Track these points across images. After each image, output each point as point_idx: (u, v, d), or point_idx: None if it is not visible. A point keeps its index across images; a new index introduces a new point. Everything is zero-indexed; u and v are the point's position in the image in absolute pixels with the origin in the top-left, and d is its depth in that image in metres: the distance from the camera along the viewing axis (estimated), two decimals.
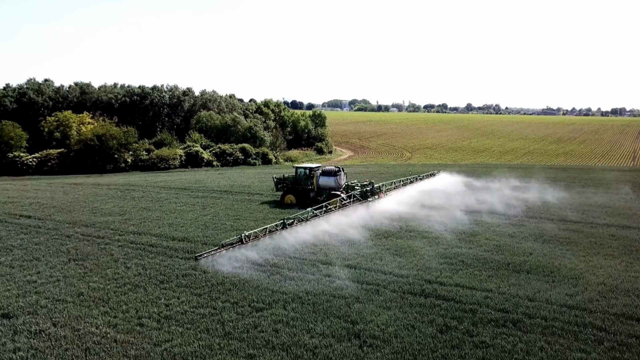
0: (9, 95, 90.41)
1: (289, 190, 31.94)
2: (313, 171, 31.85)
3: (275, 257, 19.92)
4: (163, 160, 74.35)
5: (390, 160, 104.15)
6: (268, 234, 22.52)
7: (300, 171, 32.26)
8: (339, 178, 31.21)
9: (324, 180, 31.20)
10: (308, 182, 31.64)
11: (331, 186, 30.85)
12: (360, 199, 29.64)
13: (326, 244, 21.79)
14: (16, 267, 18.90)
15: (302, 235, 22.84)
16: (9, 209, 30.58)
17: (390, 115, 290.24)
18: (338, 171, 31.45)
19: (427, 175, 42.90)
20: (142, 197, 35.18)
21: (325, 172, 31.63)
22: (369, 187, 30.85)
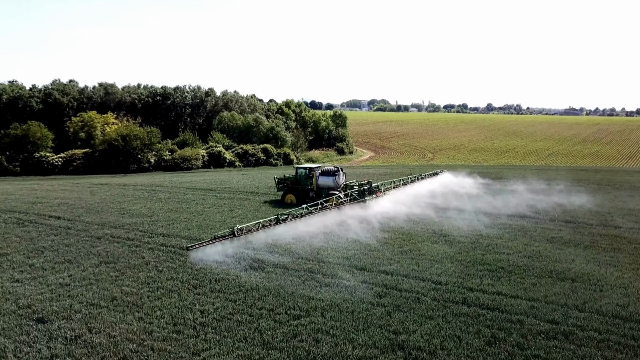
0: (35, 95, 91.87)
1: (290, 189, 32.68)
2: (312, 171, 32.52)
3: (308, 261, 19.44)
4: (186, 161, 74.60)
5: (412, 161, 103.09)
6: (261, 228, 22.64)
7: (301, 171, 33.07)
8: (338, 178, 31.77)
9: (323, 180, 31.80)
10: (308, 182, 32.29)
11: (330, 186, 31.38)
12: (358, 198, 30.05)
13: (357, 247, 21.24)
14: (48, 269, 18.76)
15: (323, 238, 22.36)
16: (38, 209, 30.70)
17: (410, 115, 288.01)
18: (337, 171, 32.07)
19: (429, 175, 42.36)
20: (169, 198, 35.06)
21: (325, 172, 32.28)
22: (366, 187, 31.15)
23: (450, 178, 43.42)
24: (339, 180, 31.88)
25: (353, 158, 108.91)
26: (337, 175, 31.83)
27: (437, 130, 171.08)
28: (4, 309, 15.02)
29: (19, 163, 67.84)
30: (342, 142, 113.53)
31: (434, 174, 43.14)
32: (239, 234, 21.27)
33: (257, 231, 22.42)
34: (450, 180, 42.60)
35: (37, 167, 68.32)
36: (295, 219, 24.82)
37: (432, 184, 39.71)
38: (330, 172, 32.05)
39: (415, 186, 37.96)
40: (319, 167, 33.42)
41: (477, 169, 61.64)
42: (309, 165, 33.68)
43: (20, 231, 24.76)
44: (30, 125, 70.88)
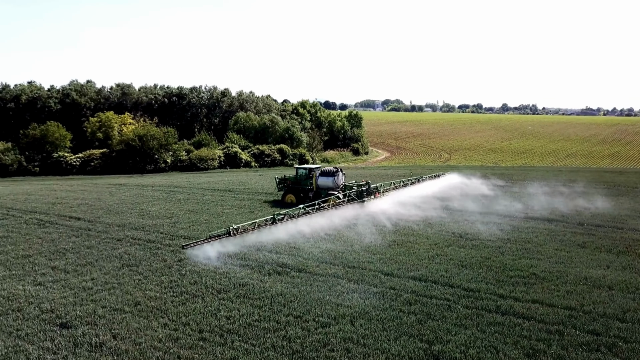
0: (53, 96, 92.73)
1: (290, 189, 32.92)
2: (312, 171, 32.80)
3: (333, 265, 18.98)
4: (202, 161, 74.62)
5: (428, 161, 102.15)
6: (257, 228, 22.73)
7: (301, 172, 33.40)
8: (337, 178, 32.01)
9: (322, 180, 32.02)
10: (308, 182, 32.54)
11: (329, 186, 31.59)
12: (356, 198, 30.28)
13: (382, 251, 20.73)
14: (70, 272, 18.55)
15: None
16: (58, 210, 30.67)
17: (425, 115, 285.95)
18: (336, 171, 32.30)
19: (431, 177, 42.11)
20: (188, 199, 34.85)
21: (324, 172, 32.58)
22: (364, 187, 31.32)
23: (463, 180, 42.79)
24: (338, 181, 32.11)
25: (368, 158, 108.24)
26: (337, 175, 32.05)
27: (453, 130, 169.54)
28: (27, 313, 14.79)
29: (38, 163, 68.41)
30: (357, 142, 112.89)
31: (435, 175, 42.85)
32: (234, 233, 21.42)
33: (253, 231, 22.50)
34: (462, 181, 42.04)
35: (56, 167, 68.84)
36: (292, 219, 24.82)
37: (439, 185, 39.42)
38: (329, 173, 32.28)
39: (417, 187, 37.63)
40: (318, 168, 33.80)
41: (495, 171, 60.71)
42: (309, 166, 34.35)
43: (41, 232, 24.67)
44: (49, 125, 71.49)
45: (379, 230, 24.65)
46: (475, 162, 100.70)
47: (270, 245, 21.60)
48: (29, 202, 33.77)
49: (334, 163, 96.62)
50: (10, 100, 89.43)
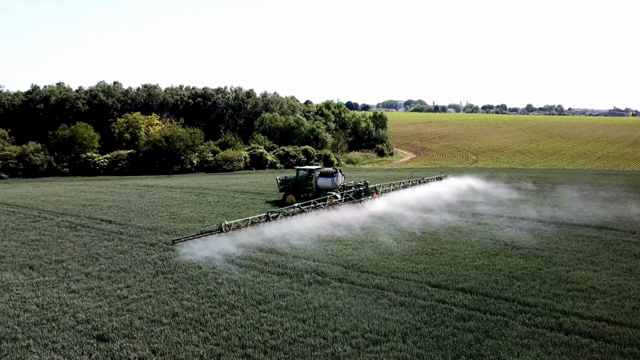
0: (81, 97, 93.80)
1: (290, 190, 33.45)
2: (312, 172, 33.31)
3: (376, 275, 18.03)
4: (228, 162, 74.31)
5: (454, 163, 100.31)
6: (250, 225, 23.53)
7: (301, 173, 33.95)
8: (336, 179, 32.48)
9: (321, 181, 32.50)
10: (308, 183, 33.08)
11: (328, 186, 32.04)
12: (353, 198, 30.62)
13: (425, 260, 19.69)
14: (104, 278, 18.00)
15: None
16: (89, 212, 30.39)
17: (449, 115, 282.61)
18: (335, 172, 32.89)
19: (433, 179, 41.62)
20: (218, 202, 34.27)
21: (323, 173, 33.13)
22: (362, 188, 31.61)
23: (480, 183, 42.06)
24: (337, 182, 32.52)
25: (394, 160, 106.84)
26: (336, 176, 32.52)
27: (478, 131, 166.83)
28: (62, 324, 14.21)
29: (66, 163, 68.95)
30: (382, 143, 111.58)
31: (437, 178, 42.55)
32: (226, 229, 22.17)
33: (246, 227, 23.24)
34: (475, 184, 41.36)
35: (84, 168, 69.29)
36: (286, 217, 25.49)
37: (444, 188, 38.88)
38: (328, 174, 32.79)
39: (419, 189, 37.31)
40: (318, 169, 34.40)
41: (527, 173, 58.90)
42: (309, 167, 34.95)
43: (73, 236, 24.30)
44: (78, 126, 72.07)
45: (410, 236, 23.58)
46: (503, 163, 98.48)
47: (299, 249, 20.76)
48: (60, 204, 33.64)
49: (359, 164, 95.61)
50: (40, 101, 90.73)
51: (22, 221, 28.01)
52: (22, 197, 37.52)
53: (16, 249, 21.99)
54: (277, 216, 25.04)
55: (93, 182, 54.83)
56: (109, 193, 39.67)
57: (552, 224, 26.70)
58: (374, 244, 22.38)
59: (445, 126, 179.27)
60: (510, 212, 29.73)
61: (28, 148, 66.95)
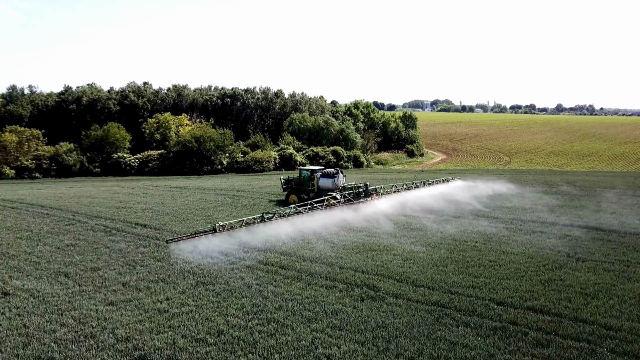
0: (112, 97, 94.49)
1: (293, 190, 33.86)
2: (314, 173, 33.53)
3: (434, 291, 16.56)
4: (257, 163, 73.55)
5: (487, 164, 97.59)
6: (245, 225, 23.55)
7: (304, 173, 34.20)
8: (337, 180, 32.67)
9: (323, 181, 32.70)
10: (309, 184, 33.36)
11: (329, 187, 32.24)
12: (352, 199, 30.75)
13: (485, 273, 18.11)
14: (143, 289, 16.98)
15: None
16: (123, 215, 29.67)
17: (478, 116, 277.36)
18: (336, 173, 33.05)
19: (439, 181, 41.06)
20: (254, 205, 33.19)
21: (325, 174, 33.27)
22: (362, 189, 31.80)
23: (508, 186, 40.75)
24: (338, 182, 32.75)
25: (424, 161, 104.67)
26: (337, 177, 32.75)
27: (510, 132, 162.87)
28: (101, 342, 13.18)
29: (98, 164, 69.20)
30: (412, 144, 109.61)
31: (444, 180, 41.97)
32: (220, 229, 22.26)
33: (240, 228, 23.24)
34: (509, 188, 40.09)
35: (115, 168, 69.46)
36: (281, 217, 25.47)
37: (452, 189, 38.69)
38: (330, 174, 32.98)
39: (422, 191, 37.02)
40: (321, 169, 34.66)
41: (566, 176, 56.31)
42: (312, 167, 35.29)
43: (108, 241, 23.49)
44: (109, 126, 72.31)
45: (439, 243, 22.01)
46: (537, 165, 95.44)
47: (342, 258, 19.44)
48: (94, 206, 33.09)
49: (388, 165, 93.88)
50: (72, 102, 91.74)
51: (56, 224, 27.42)
52: (56, 199, 37.21)
53: (51, 255, 21.25)
54: (272, 217, 24.99)
55: (125, 182, 54.60)
56: (141, 195, 39.07)
57: (613, 233, 24.73)
58: (402, 252, 20.88)
59: (475, 126, 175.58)
60: (556, 219, 27.84)
61: (61, 148, 67.44)
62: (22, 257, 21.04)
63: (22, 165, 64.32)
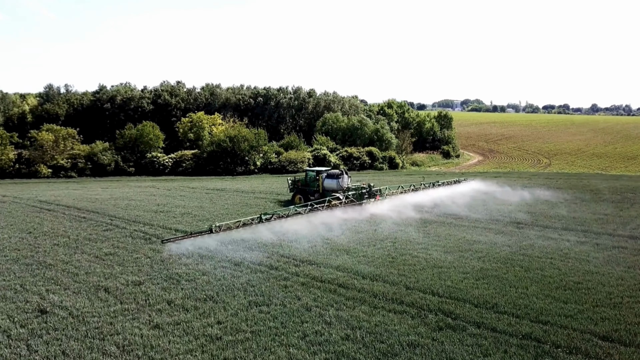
0: (146, 96, 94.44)
1: (299, 191, 34.30)
2: (320, 174, 33.85)
3: (519, 319, 14.36)
4: (292, 163, 71.98)
5: (526, 166, 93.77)
6: (242, 226, 23.92)
7: (310, 174, 34.73)
8: (342, 181, 32.92)
9: (327, 182, 33.09)
10: (315, 184, 33.73)
11: (333, 188, 32.67)
12: (355, 200, 31.04)
13: (569, 299, 15.81)
14: (190, 309, 15.32)
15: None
16: (162, 220, 28.28)
17: (513, 116, 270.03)
18: (340, 174, 33.37)
19: (451, 182, 40.64)
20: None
21: (330, 175, 33.71)
22: (365, 190, 31.96)
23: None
24: (343, 183, 32.91)
25: (460, 162, 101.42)
26: (341, 178, 32.99)
27: (547, 132, 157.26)
28: None
29: (132, 163, 68.68)
30: (447, 144, 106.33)
31: (455, 181, 41.53)
32: (216, 230, 22.76)
33: (237, 229, 23.52)
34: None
35: (148, 167, 68.82)
36: (280, 219, 25.86)
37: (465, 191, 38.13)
38: (334, 175, 33.35)
39: (429, 193, 36.72)
40: (327, 170, 35.06)
41: (623, 181, 52.85)
42: (317, 168, 35.81)
43: (148, 249, 22.02)
44: (144, 125, 71.75)
45: (480, 255, 19.68)
46: (580, 168, 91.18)
47: (407, 277, 17.40)
48: (131, 210, 31.88)
49: (424, 167, 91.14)
50: (106, 101, 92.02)
51: (94, 230, 26.19)
52: (92, 201, 36.24)
53: (90, 265, 19.87)
54: (270, 218, 25.45)
55: (159, 183, 53.70)
56: (179, 197, 37.80)
57: None
58: (470, 269, 18.69)
59: (511, 127, 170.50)
60: (633, 231, 25.16)
61: (96, 147, 67.16)
62: (59, 266, 19.72)
63: (58, 164, 64.24)
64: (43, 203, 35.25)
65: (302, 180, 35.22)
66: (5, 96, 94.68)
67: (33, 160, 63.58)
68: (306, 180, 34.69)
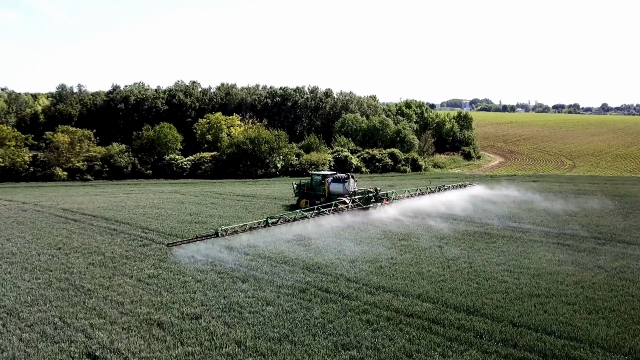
0: (160, 97, 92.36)
1: (304, 195, 34.11)
2: (326, 178, 33.62)
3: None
4: (312, 166, 69.62)
5: (550, 168, 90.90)
6: (248, 230, 23.97)
7: (315, 178, 34.65)
8: (348, 185, 32.82)
9: (333, 186, 32.92)
10: (320, 188, 33.57)
11: (339, 192, 32.54)
12: (361, 205, 31.01)
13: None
14: (266, 354, 12.85)
15: None
16: (199, 232, 25.85)
17: (526, 116, 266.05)
18: (346, 178, 33.27)
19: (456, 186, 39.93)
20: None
21: (336, 179, 33.53)
22: (372, 194, 31.72)
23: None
24: (349, 187, 32.80)
25: (482, 163, 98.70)
26: (347, 182, 32.87)
27: (565, 133, 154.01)
28: None
29: (149, 166, 66.51)
30: (467, 145, 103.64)
31: (461, 185, 40.88)
32: (222, 234, 22.91)
33: (244, 232, 23.68)
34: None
35: (167, 170, 66.68)
36: (287, 222, 25.81)
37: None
38: (340, 179, 33.17)
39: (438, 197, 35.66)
40: (332, 174, 34.66)
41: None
42: (323, 173, 35.43)
43: (195, 271, 19.52)
44: (161, 127, 69.58)
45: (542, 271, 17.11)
46: (606, 170, 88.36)
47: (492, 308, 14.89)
48: (163, 220, 29.51)
49: (445, 169, 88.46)
50: (120, 101, 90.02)
51: (129, 245, 23.80)
52: (119, 209, 33.93)
53: (134, 291, 17.46)
54: (277, 221, 25.41)
55: (181, 187, 51.43)
56: (209, 205, 35.45)
57: None
58: (574, 297, 16.15)
59: (528, 127, 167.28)
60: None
61: (113, 149, 65.06)
62: (100, 293, 17.34)
63: (73, 166, 62.19)
64: (67, 212, 32.96)
65: (307, 184, 35.26)
66: (17, 97, 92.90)
67: (48, 163, 61.56)
68: (312, 184, 34.64)
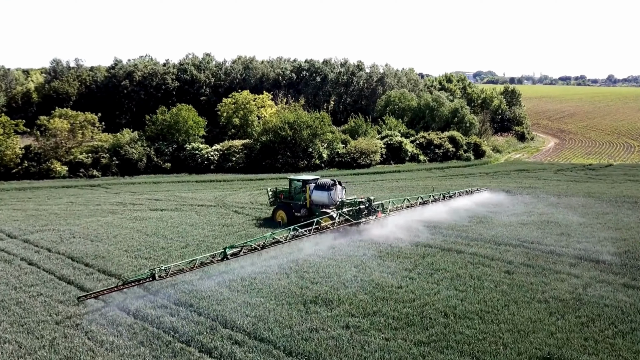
0: (169, 71, 79.68)
1: (281, 205, 27.22)
2: (307, 184, 26.96)
3: None
4: (363, 155, 57.61)
5: (620, 153, 78.66)
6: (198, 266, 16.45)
7: (295, 184, 27.82)
8: (334, 193, 25.88)
9: (316, 194, 26.18)
10: (301, 197, 27.00)
11: (324, 202, 25.88)
12: (351, 219, 23.47)
13: None
14: None
15: None
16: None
17: (546, 89, 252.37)
18: (333, 185, 26.24)
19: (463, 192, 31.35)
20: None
21: (319, 185, 26.70)
22: (363, 205, 24.28)
23: None
24: (335, 196, 25.89)
25: (538, 146, 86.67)
26: (333, 189, 25.95)
27: (608, 108, 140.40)
28: None
29: (168, 157, 54.17)
30: (519, 125, 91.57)
31: (468, 191, 32.15)
32: (161, 275, 15.28)
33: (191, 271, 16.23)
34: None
35: (188, 162, 54.41)
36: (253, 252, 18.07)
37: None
38: (325, 186, 26.34)
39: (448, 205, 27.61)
40: (315, 180, 27.51)
41: None
42: (305, 177, 28.54)
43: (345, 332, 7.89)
44: (179, 109, 56.78)
45: None
46: None
47: None
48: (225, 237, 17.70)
49: (504, 153, 76.49)
50: (124, 77, 77.26)
51: None
52: (176, 235, 21.82)
53: None
54: (239, 252, 17.62)
55: (224, 185, 39.38)
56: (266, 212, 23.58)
57: None
58: None
59: (566, 102, 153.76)
60: None
61: (123, 137, 52.62)
62: None
63: (75, 159, 49.94)
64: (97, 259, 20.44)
65: (285, 191, 28.17)
66: (7, 73, 79.92)
67: (44, 155, 49.32)
68: (290, 191, 27.66)
